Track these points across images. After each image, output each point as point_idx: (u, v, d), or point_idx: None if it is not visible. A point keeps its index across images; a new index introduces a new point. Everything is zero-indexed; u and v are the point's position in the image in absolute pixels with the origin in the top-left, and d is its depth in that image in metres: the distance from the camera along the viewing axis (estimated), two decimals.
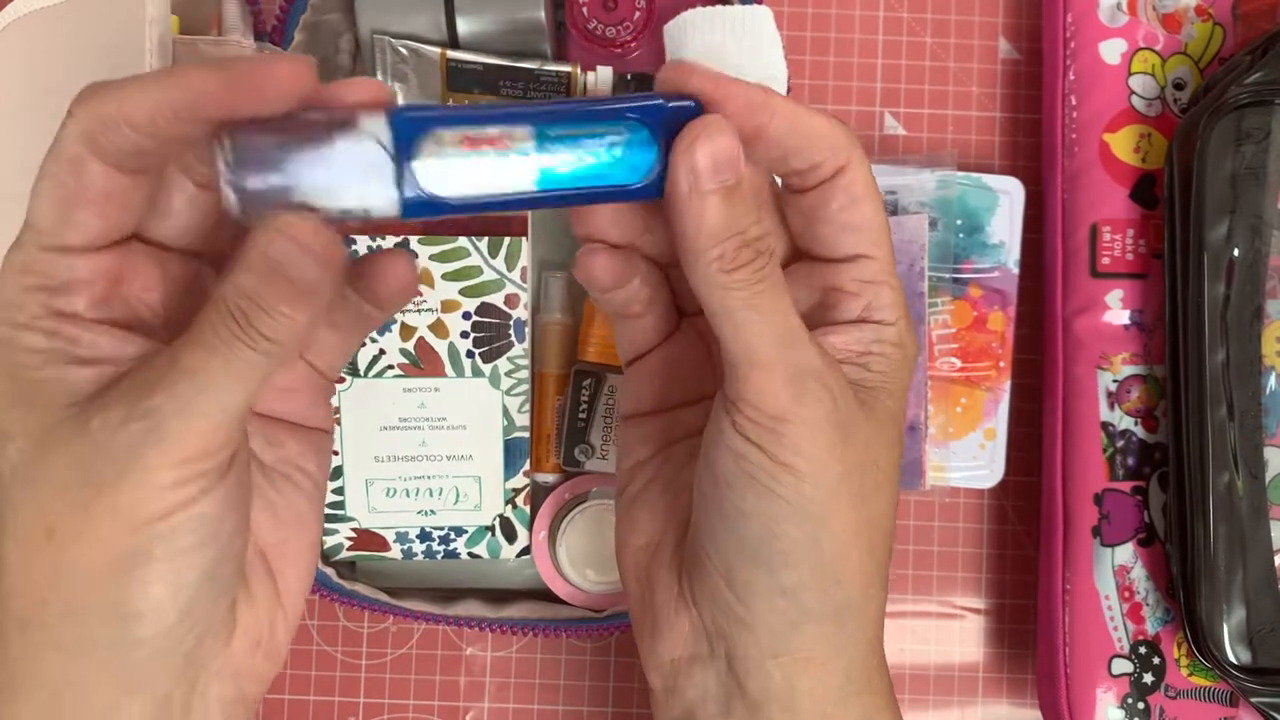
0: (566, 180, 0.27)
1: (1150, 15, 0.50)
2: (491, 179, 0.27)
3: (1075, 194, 0.50)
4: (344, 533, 0.48)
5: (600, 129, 0.27)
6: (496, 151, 0.26)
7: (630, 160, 0.27)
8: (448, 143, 0.26)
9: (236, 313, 0.25)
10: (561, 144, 0.27)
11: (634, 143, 0.27)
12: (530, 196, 0.27)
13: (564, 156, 0.27)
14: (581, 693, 0.53)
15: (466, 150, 0.26)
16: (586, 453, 0.47)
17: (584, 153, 0.27)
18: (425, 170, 0.26)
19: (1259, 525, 0.46)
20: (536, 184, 0.27)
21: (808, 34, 0.55)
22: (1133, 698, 0.48)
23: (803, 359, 0.29)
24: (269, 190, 0.26)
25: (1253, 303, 0.46)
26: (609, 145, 0.27)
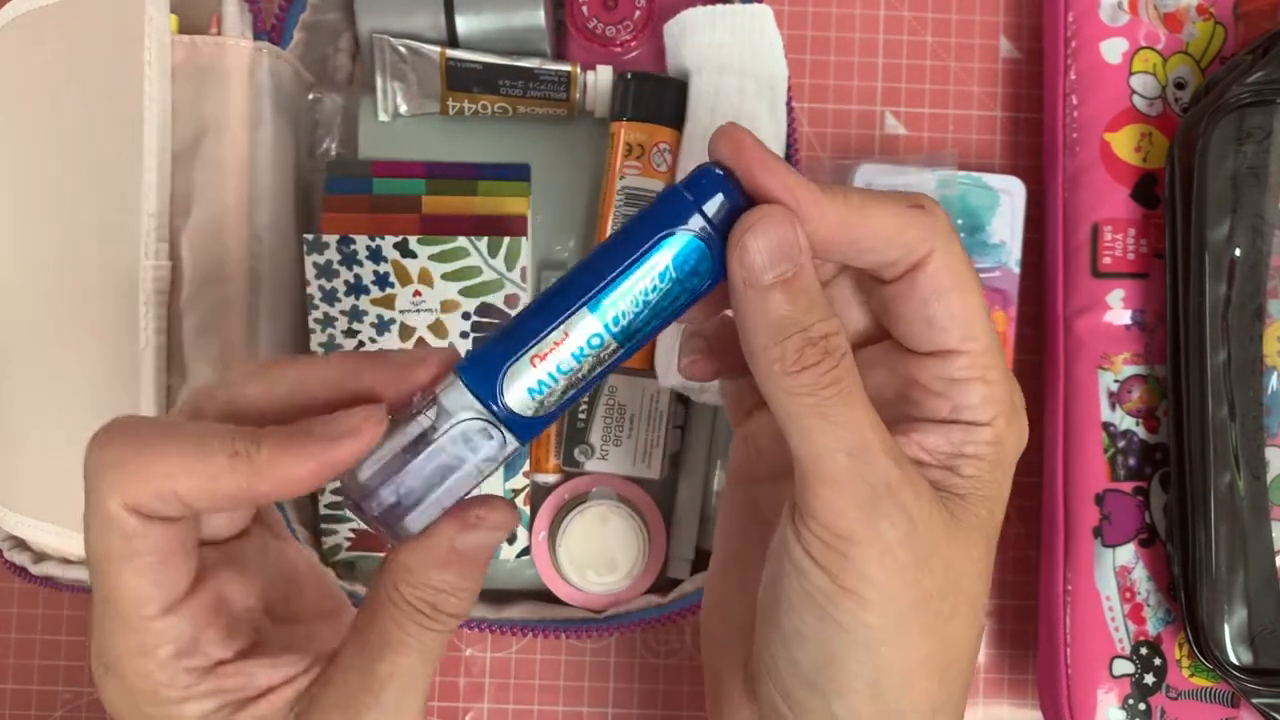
0: (639, 319, 0.26)
1: (1151, 14, 0.50)
2: (585, 369, 0.26)
3: (1076, 193, 0.50)
4: (343, 533, 0.47)
5: (643, 263, 0.26)
6: (573, 352, 0.26)
7: (687, 271, 0.26)
8: (526, 373, 0.26)
9: (424, 607, 0.26)
10: (621, 303, 0.26)
11: (681, 253, 0.26)
12: (621, 355, 0.26)
13: (624, 306, 0.26)
14: (581, 693, 0.53)
15: (540, 364, 0.26)
16: (586, 453, 0.47)
17: (642, 295, 0.26)
18: (526, 407, 0.26)
19: (1260, 526, 0.46)
20: (621, 346, 0.26)
21: (808, 33, 0.54)
22: (1134, 698, 0.48)
23: (877, 474, 0.26)
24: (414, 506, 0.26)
25: (1254, 302, 0.46)
26: (659, 273, 0.26)
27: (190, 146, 0.45)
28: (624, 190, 0.46)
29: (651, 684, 0.53)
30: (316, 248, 0.45)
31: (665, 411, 0.47)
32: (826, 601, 0.26)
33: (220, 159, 0.45)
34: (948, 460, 0.28)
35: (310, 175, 0.49)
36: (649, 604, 0.47)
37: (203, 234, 0.45)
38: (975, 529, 0.28)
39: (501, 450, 0.26)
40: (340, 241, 0.45)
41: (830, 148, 0.54)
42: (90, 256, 0.44)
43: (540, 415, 0.26)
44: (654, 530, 0.48)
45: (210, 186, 0.45)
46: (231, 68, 0.45)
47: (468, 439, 0.26)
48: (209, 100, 0.45)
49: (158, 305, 0.44)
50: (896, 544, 0.26)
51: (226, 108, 0.45)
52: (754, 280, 0.25)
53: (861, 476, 0.25)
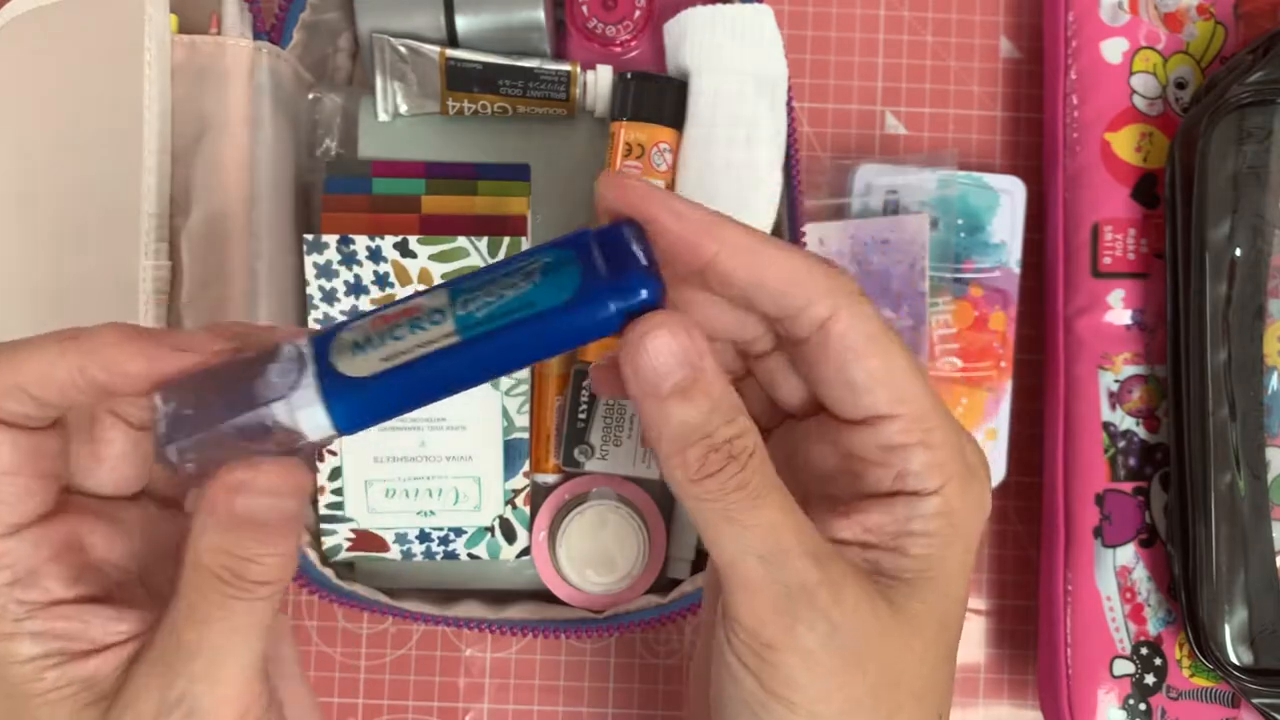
0: (488, 321, 0.24)
1: (1152, 14, 0.50)
2: (412, 345, 0.25)
3: (1076, 193, 0.49)
4: (343, 533, 0.47)
5: (516, 265, 0.25)
6: (410, 320, 0.25)
7: (554, 282, 0.25)
8: (359, 331, 0.25)
9: (223, 574, 0.24)
10: (477, 289, 0.25)
11: (555, 265, 0.25)
12: (459, 351, 0.24)
13: (482, 299, 0.25)
14: (581, 694, 0.53)
15: (382, 331, 0.25)
16: (586, 453, 0.47)
17: (501, 288, 0.25)
18: (346, 363, 0.25)
19: (1261, 526, 0.46)
20: (459, 333, 0.24)
21: (808, 33, 0.54)
22: (1134, 699, 0.48)
23: (793, 577, 0.24)
24: (207, 439, 0.25)
25: (1254, 302, 0.46)
26: (525, 274, 0.25)
27: (190, 146, 0.45)
28: None
29: (651, 684, 0.53)
30: (316, 248, 0.45)
31: None
32: (759, 706, 0.26)
33: (220, 159, 0.45)
34: (894, 540, 0.26)
35: (310, 175, 0.49)
36: (649, 604, 0.47)
37: (202, 234, 0.45)
38: (923, 616, 0.26)
39: (310, 411, 0.24)
40: (340, 241, 0.44)
41: (830, 147, 0.54)
42: (90, 256, 0.44)
43: (360, 382, 0.24)
44: (654, 530, 0.48)
45: (210, 186, 0.45)
46: (231, 67, 0.45)
47: (286, 386, 0.24)
48: (209, 100, 0.45)
49: (157, 305, 0.44)
50: (818, 648, 0.25)
51: (226, 107, 0.45)
52: (650, 391, 0.24)
53: (776, 581, 0.24)
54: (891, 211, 0.50)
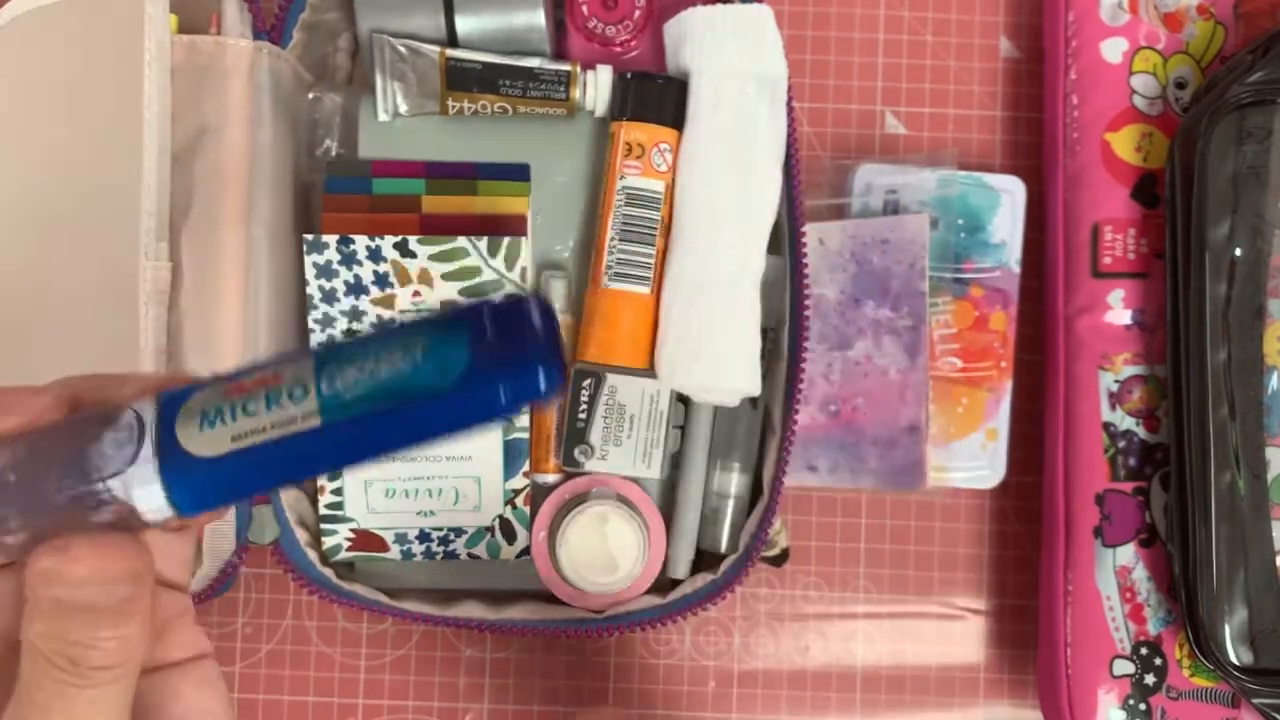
0: (357, 404, 0.21)
1: (1151, 14, 0.50)
2: (267, 424, 0.21)
3: (1076, 193, 0.49)
4: (343, 533, 0.47)
5: (396, 338, 0.22)
6: (268, 393, 0.22)
7: (438, 361, 0.21)
8: (211, 401, 0.22)
9: (58, 660, 0.22)
10: (348, 363, 0.22)
11: (441, 341, 0.22)
12: (319, 436, 0.21)
13: (353, 375, 0.21)
14: (581, 694, 0.53)
15: (234, 402, 0.22)
16: (586, 453, 0.47)
17: (376, 363, 0.22)
18: (191, 439, 0.22)
19: (1261, 525, 0.46)
20: (321, 414, 0.21)
21: (808, 33, 0.54)
22: (1134, 699, 0.48)
23: None
24: (32, 507, 0.22)
25: (1254, 302, 0.46)
26: (405, 349, 0.22)
27: (190, 146, 0.45)
28: (624, 190, 0.46)
29: (651, 684, 0.53)
30: (316, 248, 0.45)
31: (665, 411, 0.47)
32: None
33: (220, 159, 0.45)
34: None
35: (310, 175, 0.49)
36: (649, 604, 0.47)
37: (202, 234, 0.45)
38: None
39: (145, 486, 0.21)
40: (340, 241, 0.44)
41: (830, 147, 0.54)
42: (90, 257, 0.44)
43: (205, 463, 0.21)
44: (654, 530, 0.48)
45: (210, 186, 0.45)
46: (231, 67, 0.45)
47: (104, 437, 0.22)
48: (209, 100, 0.45)
49: (157, 305, 0.44)
50: None
51: (226, 107, 0.45)
52: None
53: None
54: (891, 211, 0.50)
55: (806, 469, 0.50)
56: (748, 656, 0.53)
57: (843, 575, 0.53)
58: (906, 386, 0.49)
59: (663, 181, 0.46)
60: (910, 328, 0.49)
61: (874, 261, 0.49)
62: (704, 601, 0.46)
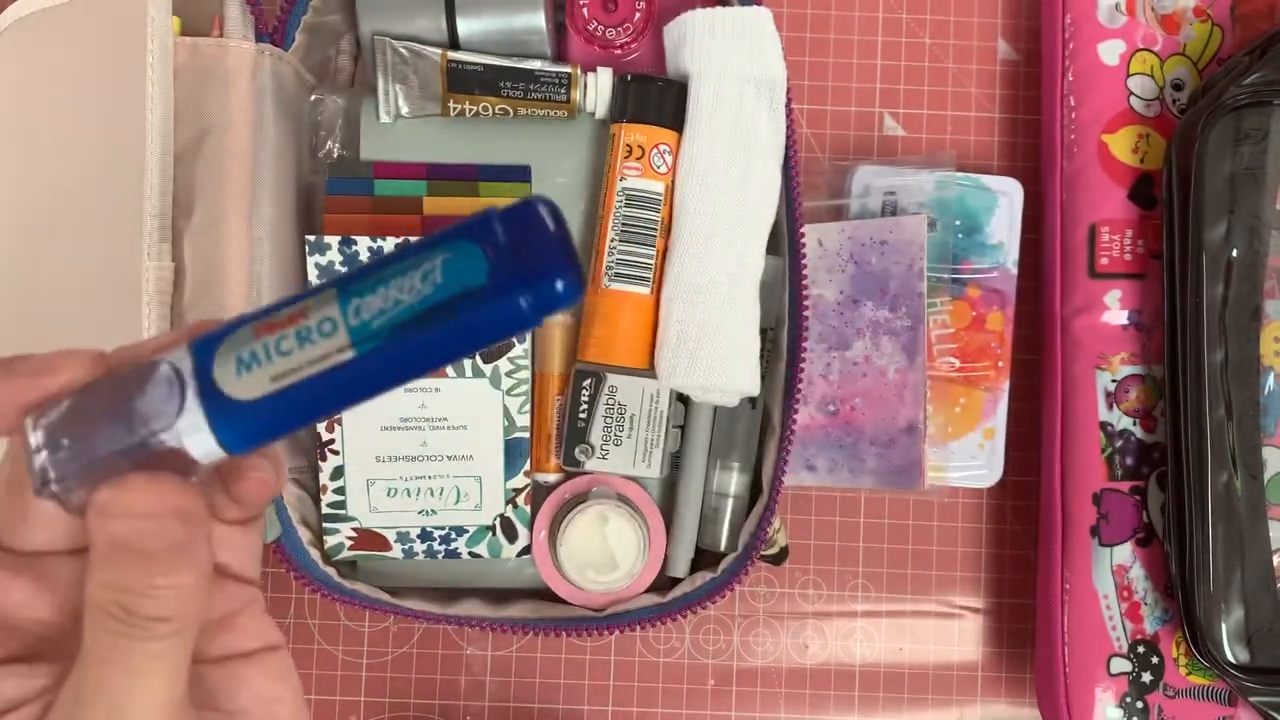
0: (385, 332, 0.22)
1: (1149, 16, 0.50)
2: (303, 361, 0.22)
3: (1074, 194, 0.50)
4: (345, 532, 0.48)
5: (411, 260, 0.22)
6: (298, 331, 0.22)
7: (455, 278, 0.22)
8: (244, 343, 0.22)
9: (114, 610, 0.22)
10: (369, 291, 0.22)
11: (456, 258, 0.22)
12: (354, 366, 0.22)
13: (376, 304, 0.22)
14: (581, 692, 0.53)
15: (268, 343, 0.22)
16: (587, 453, 0.47)
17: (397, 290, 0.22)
18: (231, 384, 0.22)
19: (1257, 525, 0.46)
20: (354, 347, 0.22)
21: (807, 35, 0.55)
22: (1131, 697, 0.48)
23: None
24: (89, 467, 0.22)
25: (1251, 303, 0.46)
26: (423, 272, 0.22)
27: (192, 148, 0.45)
28: (624, 191, 0.46)
29: (651, 682, 0.53)
30: (318, 249, 0.45)
31: (665, 411, 0.47)
32: None
33: (222, 160, 0.45)
34: None
35: (312, 176, 0.49)
36: (649, 603, 0.47)
37: (205, 235, 0.45)
38: None
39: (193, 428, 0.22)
40: (342, 243, 0.45)
41: (829, 149, 0.54)
42: (93, 257, 0.44)
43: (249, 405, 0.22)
44: (654, 530, 0.48)
45: (212, 188, 0.45)
46: (233, 69, 0.45)
47: (164, 401, 0.22)
48: (211, 102, 0.45)
49: (160, 306, 0.44)
50: None
51: (228, 109, 0.45)
52: None
53: None
54: (890, 212, 0.50)
55: (805, 468, 0.50)
56: (747, 655, 0.54)
57: (841, 574, 0.54)
58: (905, 386, 0.49)
59: (662, 183, 0.46)
60: (908, 328, 0.49)
61: (872, 262, 0.50)
62: (703, 600, 0.46)
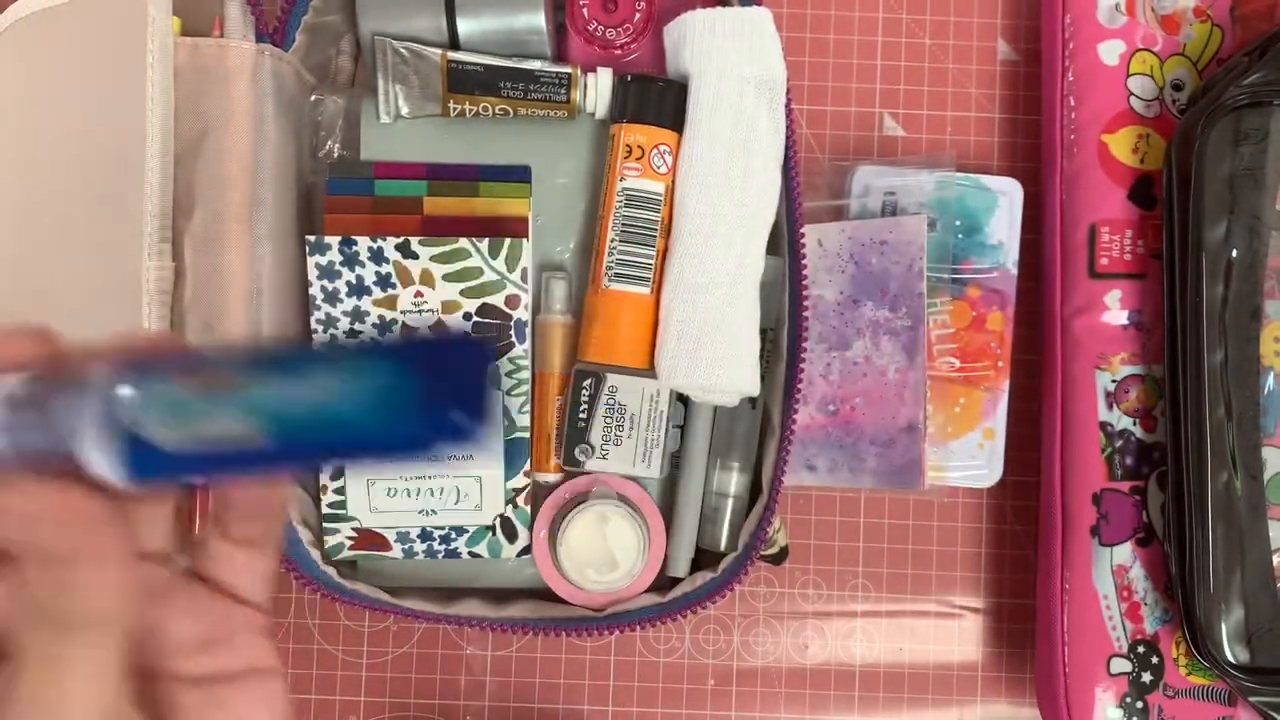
0: (292, 428, 0.23)
1: (1149, 16, 0.50)
2: (210, 427, 0.23)
3: (1074, 195, 0.50)
4: (345, 532, 0.48)
5: (329, 362, 0.23)
6: (211, 396, 0.23)
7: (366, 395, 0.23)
8: (164, 386, 0.23)
9: (33, 609, 0.22)
10: (289, 375, 0.23)
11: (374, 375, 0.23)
12: (257, 450, 0.23)
13: (291, 389, 0.23)
14: (581, 691, 0.53)
15: (184, 399, 0.23)
16: (587, 453, 0.47)
17: (310, 389, 0.23)
18: (142, 422, 0.23)
19: (1257, 525, 0.46)
20: (260, 430, 0.23)
21: (807, 35, 0.55)
22: (1131, 697, 0.48)
23: None
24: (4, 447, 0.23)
25: (1251, 303, 0.46)
26: (337, 377, 0.23)
27: (193, 148, 0.45)
28: (624, 191, 0.46)
29: (651, 682, 0.53)
30: (319, 249, 0.45)
31: (665, 411, 0.47)
32: None
33: (222, 160, 0.45)
34: None
35: (312, 176, 0.49)
36: (649, 603, 0.47)
37: (205, 235, 0.45)
38: None
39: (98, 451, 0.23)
40: (342, 243, 0.45)
41: (829, 149, 0.54)
42: (93, 257, 0.44)
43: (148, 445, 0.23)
44: (654, 530, 0.48)
45: (213, 188, 0.45)
46: (234, 69, 0.45)
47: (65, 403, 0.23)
48: (211, 102, 0.45)
49: (160, 306, 0.44)
50: None
51: (229, 109, 0.45)
52: None
53: None
54: (890, 213, 0.50)
55: (805, 468, 0.50)
56: (747, 655, 0.54)
57: (841, 574, 0.54)
58: (905, 386, 0.49)
59: (662, 183, 0.46)
60: (908, 328, 0.49)
61: (872, 262, 0.50)
62: (703, 600, 0.46)
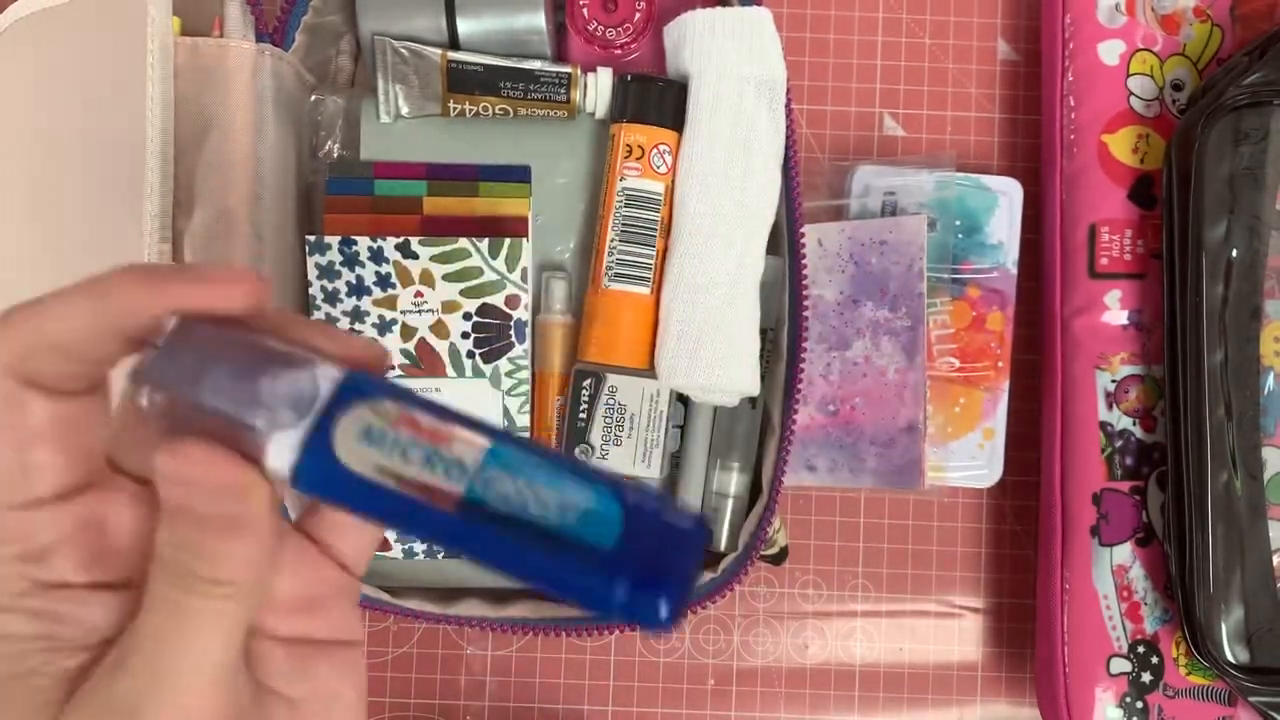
0: (496, 518, 0.22)
1: (1149, 16, 0.50)
2: (411, 476, 0.22)
3: (1074, 194, 0.50)
4: None
5: (567, 478, 0.22)
6: (431, 451, 0.22)
7: (584, 530, 0.22)
8: (381, 417, 0.22)
9: (173, 565, 0.22)
10: (512, 471, 0.22)
11: (598, 516, 0.22)
12: (446, 519, 0.22)
13: (507, 485, 0.22)
14: (581, 692, 0.53)
15: (399, 439, 0.22)
16: (587, 453, 0.47)
17: (536, 492, 0.22)
18: (342, 439, 0.22)
19: (1257, 525, 0.46)
20: (460, 506, 0.22)
21: (807, 35, 0.55)
22: (1131, 697, 0.48)
23: None
24: (182, 395, 0.22)
25: (1251, 303, 0.46)
26: (565, 497, 0.22)
27: (193, 148, 0.45)
28: (624, 191, 0.46)
29: (651, 682, 0.53)
30: (318, 249, 0.45)
31: (665, 411, 0.47)
32: None
33: (222, 160, 0.45)
34: None
35: (312, 176, 0.49)
36: None
37: (205, 235, 0.45)
38: None
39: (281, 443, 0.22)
40: (342, 243, 0.45)
41: (829, 149, 0.54)
42: (94, 257, 0.44)
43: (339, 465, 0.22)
44: None
45: (213, 187, 0.45)
46: (233, 69, 0.45)
47: (279, 386, 0.22)
48: (211, 102, 0.45)
49: None
50: None
51: (229, 109, 0.45)
52: None
53: None
54: (890, 213, 0.50)
55: (805, 468, 0.50)
56: (747, 654, 0.54)
57: (841, 574, 0.54)
58: (904, 386, 0.49)
59: (662, 183, 0.46)
60: (908, 328, 0.49)
61: (872, 262, 0.50)
62: (703, 600, 0.46)
